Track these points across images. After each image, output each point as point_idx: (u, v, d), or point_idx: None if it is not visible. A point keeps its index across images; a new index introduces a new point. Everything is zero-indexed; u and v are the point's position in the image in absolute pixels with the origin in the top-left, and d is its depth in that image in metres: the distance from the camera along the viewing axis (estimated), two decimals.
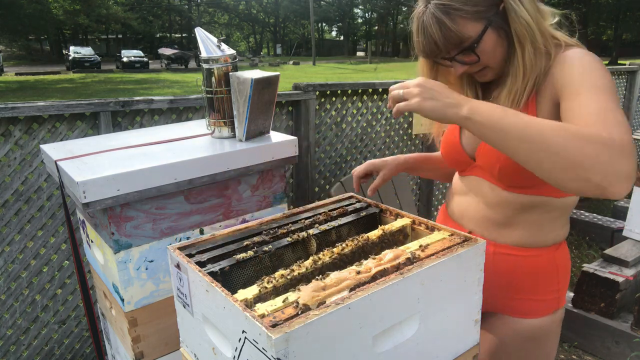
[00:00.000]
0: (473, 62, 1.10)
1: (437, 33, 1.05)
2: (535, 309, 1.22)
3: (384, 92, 3.23)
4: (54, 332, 2.35)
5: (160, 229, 1.42)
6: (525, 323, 1.22)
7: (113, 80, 20.35)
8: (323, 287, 0.92)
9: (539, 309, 1.22)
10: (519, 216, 1.18)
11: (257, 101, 1.54)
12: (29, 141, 2.13)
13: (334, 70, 27.95)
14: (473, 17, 1.04)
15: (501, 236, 1.21)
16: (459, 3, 1.03)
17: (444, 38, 1.05)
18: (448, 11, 1.03)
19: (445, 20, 1.04)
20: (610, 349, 2.52)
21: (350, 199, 1.46)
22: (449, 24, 1.04)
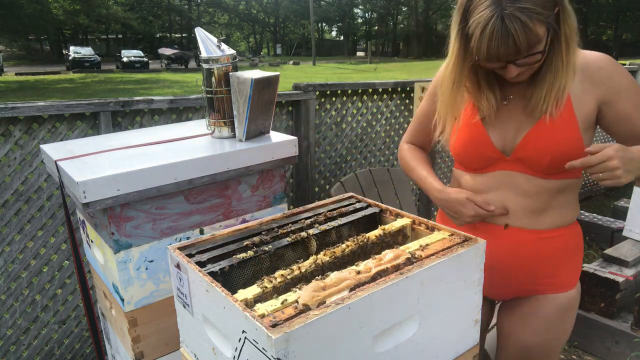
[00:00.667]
0: (533, 63, 1.14)
1: (521, 36, 1.06)
2: (570, 281, 1.34)
3: (384, 92, 3.23)
4: (54, 332, 2.35)
5: (160, 229, 1.42)
6: (564, 297, 1.34)
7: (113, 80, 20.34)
8: (323, 287, 0.92)
9: (572, 280, 1.35)
10: (554, 200, 1.28)
11: (257, 101, 1.54)
12: (29, 141, 2.13)
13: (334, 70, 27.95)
14: (542, 20, 1.08)
15: (540, 222, 1.29)
16: (537, 6, 1.06)
17: (526, 41, 1.07)
18: (530, 15, 1.06)
19: (529, 23, 1.06)
20: (610, 349, 2.52)
21: (350, 199, 1.46)
22: (531, 27, 1.06)
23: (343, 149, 3.11)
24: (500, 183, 1.30)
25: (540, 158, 1.23)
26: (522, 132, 1.25)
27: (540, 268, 1.31)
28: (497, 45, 1.09)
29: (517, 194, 1.28)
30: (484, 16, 1.08)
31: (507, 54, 1.10)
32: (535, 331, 1.34)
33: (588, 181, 5.17)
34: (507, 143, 1.28)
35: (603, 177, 1.11)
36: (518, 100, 1.26)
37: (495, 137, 1.28)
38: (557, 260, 1.32)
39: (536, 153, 1.23)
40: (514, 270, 1.33)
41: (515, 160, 1.27)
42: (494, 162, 1.30)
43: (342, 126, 3.08)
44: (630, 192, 2.97)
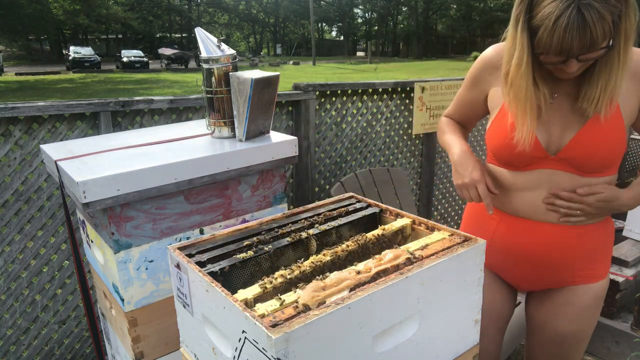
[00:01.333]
0: (598, 57, 1.11)
1: (598, 27, 1.03)
2: (603, 271, 1.38)
3: (384, 92, 3.23)
4: (54, 332, 2.35)
5: (160, 229, 1.42)
6: (598, 286, 1.37)
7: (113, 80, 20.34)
8: (323, 287, 0.92)
9: (605, 270, 1.38)
10: None
11: (257, 101, 1.54)
12: (29, 141, 2.13)
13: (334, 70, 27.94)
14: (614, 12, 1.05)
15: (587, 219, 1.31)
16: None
17: (602, 32, 1.04)
18: (604, 5, 1.02)
19: (605, 13, 1.03)
20: (610, 349, 2.52)
21: (350, 199, 1.46)
22: (606, 18, 1.03)
23: (343, 149, 3.12)
24: (542, 182, 1.29)
25: (589, 158, 1.22)
26: (570, 131, 1.23)
27: (579, 261, 1.33)
28: (572, 37, 1.04)
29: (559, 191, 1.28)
30: (559, 6, 1.03)
31: (582, 46, 1.05)
32: (572, 320, 1.37)
33: None
34: (552, 142, 1.25)
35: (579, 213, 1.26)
36: (564, 99, 1.24)
37: (541, 135, 1.25)
38: (595, 253, 1.34)
39: (585, 153, 1.22)
40: (553, 263, 1.34)
41: (561, 159, 1.25)
42: (537, 161, 1.28)
43: (342, 126, 3.08)
44: None
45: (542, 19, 1.06)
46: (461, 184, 1.34)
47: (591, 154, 1.21)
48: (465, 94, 1.47)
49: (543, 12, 1.06)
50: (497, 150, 1.33)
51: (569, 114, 1.23)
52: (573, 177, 1.26)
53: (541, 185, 1.29)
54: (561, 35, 1.04)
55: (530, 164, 1.29)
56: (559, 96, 1.24)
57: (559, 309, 1.38)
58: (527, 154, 1.26)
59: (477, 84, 1.41)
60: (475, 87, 1.43)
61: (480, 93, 1.41)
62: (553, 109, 1.25)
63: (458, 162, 1.36)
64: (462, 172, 1.34)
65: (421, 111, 3.31)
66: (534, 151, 1.25)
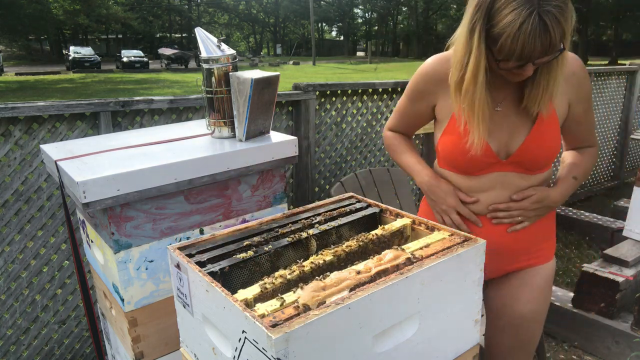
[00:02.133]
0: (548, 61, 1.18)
1: (556, 31, 1.10)
2: (551, 252, 1.49)
3: (384, 92, 3.23)
4: (54, 332, 2.35)
5: (160, 229, 1.42)
6: (548, 266, 1.48)
7: (113, 80, 20.34)
8: (323, 287, 0.92)
9: (551, 252, 1.49)
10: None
11: (257, 101, 1.54)
12: (29, 141, 2.13)
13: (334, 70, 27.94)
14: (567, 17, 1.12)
15: None
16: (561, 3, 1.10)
17: (559, 37, 1.11)
18: (561, 11, 1.09)
19: (561, 18, 1.10)
20: (610, 349, 2.52)
21: (350, 199, 1.46)
22: (562, 22, 1.10)
23: (343, 149, 3.11)
24: (495, 184, 1.37)
25: (537, 159, 1.33)
26: (519, 136, 1.32)
27: (533, 243, 1.44)
28: (535, 42, 1.10)
29: (512, 190, 1.37)
30: (522, 14, 1.09)
31: (543, 50, 1.12)
32: (529, 300, 1.45)
33: (588, 181, 5.17)
34: (501, 147, 1.34)
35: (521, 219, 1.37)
36: (509, 106, 1.33)
37: (491, 142, 1.33)
38: (544, 235, 1.46)
39: (533, 155, 1.32)
40: (510, 248, 1.42)
41: (511, 163, 1.34)
42: (489, 166, 1.35)
43: (342, 126, 3.08)
44: (630, 192, 2.97)
45: (505, 27, 1.11)
46: (440, 212, 1.44)
47: (538, 155, 1.32)
48: (409, 106, 1.51)
49: (505, 20, 1.11)
50: (451, 158, 1.39)
51: (515, 120, 1.32)
52: (522, 176, 1.36)
53: (494, 187, 1.37)
54: (525, 41, 1.10)
55: (483, 169, 1.36)
56: (504, 104, 1.32)
57: (517, 290, 1.46)
58: (480, 160, 1.32)
59: (422, 96, 1.45)
60: (420, 100, 1.46)
61: (426, 105, 1.46)
62: (500, 116, 1.33)
63: (429, 190, 1.46)
64: (435, 199, 1.44)
65: None
66: (487, 157, 1.33)
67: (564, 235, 4.04)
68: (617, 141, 5.35)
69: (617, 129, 5.30)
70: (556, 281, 3.30)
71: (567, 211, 4.25)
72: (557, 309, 2.71)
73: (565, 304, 2.71)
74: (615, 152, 5.42)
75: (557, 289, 2.89)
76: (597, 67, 5.01)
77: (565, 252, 3.77)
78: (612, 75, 5.01)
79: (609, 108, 5.10)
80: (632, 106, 5.26)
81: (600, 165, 5.28)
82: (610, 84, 5.00)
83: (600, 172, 5.31)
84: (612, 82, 5.03)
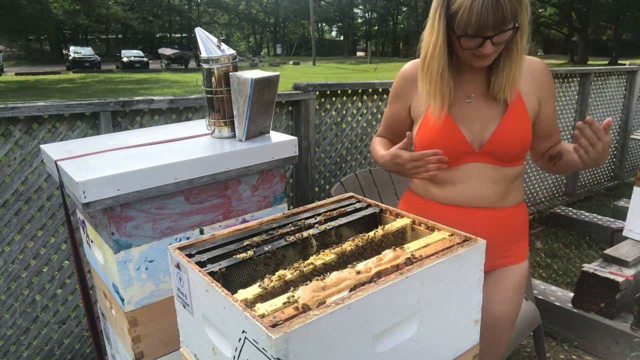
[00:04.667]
0: (507, 41, 1.27)
1: (509, 6, 1.18)
2: (524, 252, 1.53)
3: (384, 92, 3.23)
4: (54, 332, 2.35)
5: (160, 229, 1.42)
6: (522, 266, 1.52)
7: (113, 80, 20.34)
8: (323, 287, 0.92)
9: (525, 251, 1.54)
10: (512, 184, 1.46)
11: (257, 101, 1.54)
12: (29, 141, 2.13)
13: (334, 70, 27.94)
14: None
15: (505, 202, 1.47)
16: None
17: (510, 10, 1.19)
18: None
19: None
20: (610, 349, 2.52)
21: (350, 199, 1.46)
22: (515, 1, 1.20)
23: (343, 149, 3.11)
24: (471, 175, 1.43)
25: (509, 149, 1.39)
26: (490, 127, 1.40)
27: (508, 241, 1.48)
28: (488, 14, 1.18)
29: (487, 182, 1.43)
30: None
31: (495, 22, 1.20)
32: (502, 300, 1.48)
33: (588, 182, 5.17)
34: (475, 138, 1.41)
35: (599, 156, 1.26)
36: (480, 99, 1.41)
37: (465, 132, 1.40)
38: (518, 234, 1.51)
39: (505, 145, 1.39)
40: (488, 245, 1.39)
41: (484, 153, 1.41)
42: (464, 156, 1.42)
43: (342, 126, 3.08)
44: (630, 192, 2.97)
45: (460, 3, 1.21)
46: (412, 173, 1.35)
47: (510, 144, 1.38)
48: (389, 110, 1.61)
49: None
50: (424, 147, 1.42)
51: (486, 111, 1.40)
52: (496, 168, 1.42)
53: (470, 178, 1.43)
54: (479, 12, 1.18)
55: (458, 160, 1.42)
56: (475, 97, 1.41)
57: (491, 290, 1.47)
58: (455, 149, 1.39)
59: (398, 97, 1.55)
60: (398, 101, 1.55)
61: (403, 106, 1.55)
62: (471, 107, 1.41)
63: (389, 166, 1.40)
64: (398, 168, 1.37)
65: None
66: (461, 146, 1.40)
67: (564, 235, 4.04)
68: (617, 141, 5.35)
69: (617, 129, 5.30)
70: (556, 281, 3.30)
71: (567, 211, 4.25)
72: (557, 309, 2.71)
73: (565, 304, 2.71)
74: (615, 152, 5.42)
75: (557, 289, 2.89)
76: (597, 67, 5.01)
77: (565, 252, 3.77)
78: (612, 75, 5.01)
79: (609, 108, 5.10)
80: (632, 106, 5.26)
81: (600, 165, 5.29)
82: (610, 84, 5.00)
83: (600, 172, 5.31)
84: (612, 82, 5.03)
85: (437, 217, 1.44)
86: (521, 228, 1.52)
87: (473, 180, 1.43)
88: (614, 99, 5.11)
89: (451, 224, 1.39)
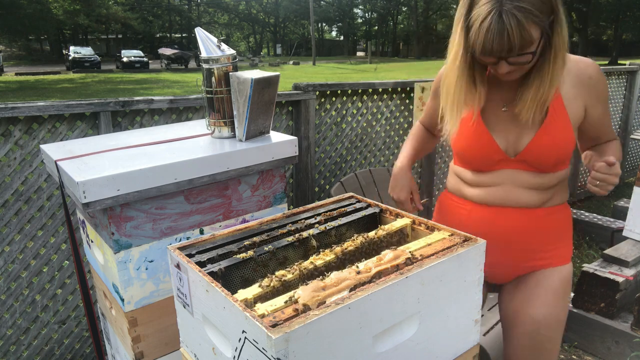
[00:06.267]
0: (524, 63, 1.20)
1: (515, 33, 1.12)
2: (567, 254, 1.46)
3: (384, 92, 3.23)
4: (54, 332, 2.35)
5: (160, 229, 1.42)
6: (565, 269, 1.44)
7: (113, 80, 20.33)
8: (323, 287, 0.92)
9: (569, 254, 1.46)
10: (554, 188, 1.39)
11: (257, 101, 1.54)
12: (29, 141, 2.13)
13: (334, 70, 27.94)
14: (538, 22, 1.14)
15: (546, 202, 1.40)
16: (533, 8, 1.12)
17: (520, 38, 1.13)
18: (527, 15, 1.12)
19: (524, 22, 1.12)
20: (610, 349, 2.52)
21: (350, 199, 1.46)
22: (526, 26, 1.12)
23: (343, 149, 3.11)
24: (505, 180, 1.39)
25: (545, 160, 1.33)
26: (525, 137, 1.34)
27: (547, 242, 1.41)
28: (492, 40, 1.14)
29: (522, 187, 1.37)
30: (484, 10, 1.13)
31: (500, 49, 1.15)
32: (544, 302, 1.41)
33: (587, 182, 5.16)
34: (509, 146, 1.36)
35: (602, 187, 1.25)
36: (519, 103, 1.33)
37: (499, 140, 1.36)
38: (558, 234, 1.43)
39: (541, 156, 1.33)
40: (523, 245, 1.40)
41: (519, 161, 1.36)
42: (498, 163, 1.38)
43: (342, 126, 3.08)
44: (630, 192, 2.97)
45: (474, 20, 1.17)
46: (395, 199, 1.53)
47: (546, 156, 1.33)
48: (430, 103, 1.62)
49: (474, 13, 1.16)
50: (462, 155, 1.44)
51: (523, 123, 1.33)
52: (533, 175, 1.37)
53: (504, 182, 1.39)
54: (484, 37, 1.15)
55: (492, 166, 1.39)
56: (510, 106, 1.34)
57: (531, 292, 1.43)
58: (489, 157, 1.37)
59: (436, 95, 1.53)
60: (435, 99, 1.54)
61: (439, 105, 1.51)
62: (507, 116, 1.35)
63: (393, 177, 1.54)
64: (393, 187, 1.53)
65: (421, 111, 3.30)
66: (494, 154, 1.36)
67: None
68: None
69: (617, 129, 5.30)
70: None
71: None
72: None
73: None
74: None
75: None
76: None
77: None
78: (612, 75, 5.01)
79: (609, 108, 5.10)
80: (632, 106, 5.26)
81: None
82: (610, 84, 5.00)
83: None
84: (612, 82, 5.03)
85: (471, 215, 1.45)
86: (563, 229, 1.45)
87: (508, 185, 1.39)
88: (614, 99, 5.11)
89: (485, 222, 1.41)
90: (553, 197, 1.40)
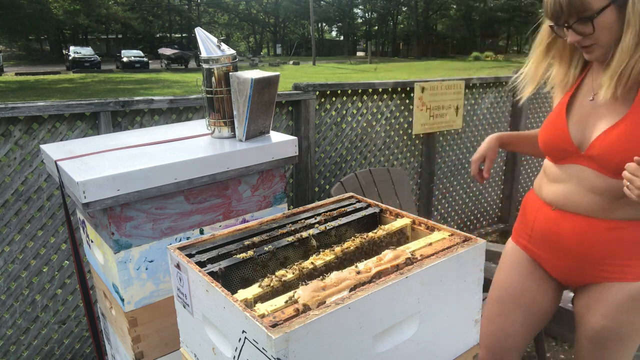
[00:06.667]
0: (587, 33, 1.20)
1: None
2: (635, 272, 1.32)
3: (384, 92, 3.23)
4: (54, 332, 2.35)
5: (160, 229, 1.42)
6: (633, 285, 1.32)
7: (113, 80, 20.33)
8: (323, 287, 0.92)
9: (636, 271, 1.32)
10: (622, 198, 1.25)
11: (257, 101, 1.54)
12: (29, 141, 2.13)
13: (334, 70, 27.94)
14: None
15: (610, 214, 1.30)
16: None
17: (568, 2, 1.16)
18: None
19: None
20: None
21: (350, 199, 1.46)
22: None
23: (343, 149, 3.11)
24: (572, 176, 1.34)
25: (610, 157, 1.23)
26: (598, 129, 1.27)
27: (610, 257, 1.33)
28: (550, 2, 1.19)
29: (586, 188, 1.31)
30: None
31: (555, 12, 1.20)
32: (603, 315, 1.36)
33: None
34: (584, 139, 1.30)
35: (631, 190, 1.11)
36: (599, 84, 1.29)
37: (575, 132, 1.32)
38: (627, 250, 1.31)
39: (606, 152, 1.23)
40: (581, 254, 1.36)
41: (588, 157, 1.29)
42: (569, 156, 1.34)
43: (342, 126, 3.08)
44: None
45: None
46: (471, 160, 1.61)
47: (611, 153, 1.22)
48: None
49: None
50: (541, 142, 1.43)
51: (603, 113, 1.27)
52: (599, 176, 1.28)
53: (570, 180, 1.34)
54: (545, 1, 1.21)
55: (564, 158, 1.35)
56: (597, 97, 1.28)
57: (591, 303, 1.39)
58: (558, 146, 1.35)
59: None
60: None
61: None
62: (591, 106, 1.30)
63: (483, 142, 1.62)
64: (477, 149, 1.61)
65: (421, 111, 3.31)
66: (564, 144, 1.33)
67: None
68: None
69: None
70: None
71: None
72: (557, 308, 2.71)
73: (565, 304, 2.70)
74: None
75: None
76: None
77: None
78: None
79: None
80: None
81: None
82: None
83: None
84: None
85: (537, 215, 1.45)
86: (632, 245, 1.31)
87: (573, 184, 1.33)
88: None
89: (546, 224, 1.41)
90: (619, 210, 1.28)
